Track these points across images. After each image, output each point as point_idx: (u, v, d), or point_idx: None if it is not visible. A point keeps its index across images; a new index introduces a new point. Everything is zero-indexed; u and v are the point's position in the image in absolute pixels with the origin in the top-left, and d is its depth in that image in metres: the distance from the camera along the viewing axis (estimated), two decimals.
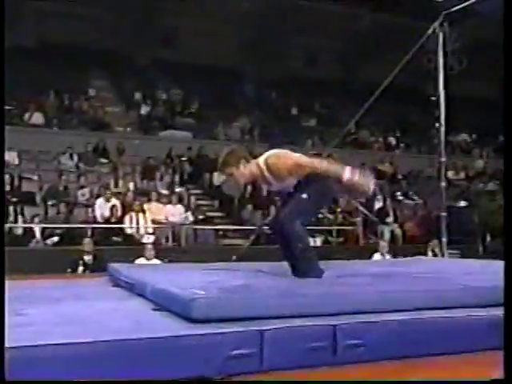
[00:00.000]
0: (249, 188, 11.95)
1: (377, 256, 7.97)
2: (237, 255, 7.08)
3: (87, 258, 7.23)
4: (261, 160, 3.51)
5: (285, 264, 4.56)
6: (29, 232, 9.26)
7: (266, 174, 3.49)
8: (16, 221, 9.34)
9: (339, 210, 11.35)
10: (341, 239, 10.90)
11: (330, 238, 10.72)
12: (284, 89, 17.87)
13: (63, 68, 15.02)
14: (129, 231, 9.68)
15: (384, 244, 8.25)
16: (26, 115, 13.17)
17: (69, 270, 7.21)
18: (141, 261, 7.50)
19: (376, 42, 17.66)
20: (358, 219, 10.88)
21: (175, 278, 3.30)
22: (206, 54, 17.68)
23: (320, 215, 11.35)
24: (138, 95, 15.78)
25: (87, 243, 7.37)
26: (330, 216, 11.12)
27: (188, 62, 17.17)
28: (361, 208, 11.30)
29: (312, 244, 10.51)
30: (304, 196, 3.48)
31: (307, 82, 18.15)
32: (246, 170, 3.51)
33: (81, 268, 7.10)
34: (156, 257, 7.58)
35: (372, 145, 15.71)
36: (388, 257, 7.93)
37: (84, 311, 2.81)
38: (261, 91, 17.86)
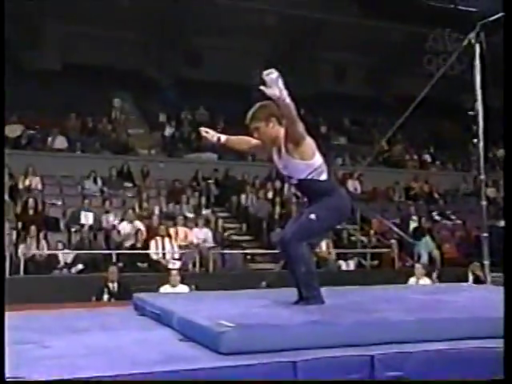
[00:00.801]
0: (277, 209, 11.96)
1: (412, 280, 7.85)
2: (267, 281, 7.06)
3: (112, 285, 7.30)
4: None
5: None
6: (52, 259, 9.40)
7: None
8: (39, 247, 9.48)
9: (372, 231, 11.25)
10: (375, 262, 10.78)
11: (363, 262, 10.62)
12: (312, 106, 17.92)
13: (86, 90, 15.35)
14: (154, 257, 9.74)
15: (420, 267, 8.11)
16: (49, 139, 13.46)
17: (93, 298, 7.28)
18: (166, 288, 7.53)
19: (407, 55, 17.65)
20: (393, 241, 10.76)
21: (202, 308, 3.30)
22: (231, 72, 17.89)
23: (352, 237, 11.29)
24: (162, 116, 16.01)
25: (112, 271, 7.45)
26: (364, 238, 11.02)
27: (213, 80, 17.38)
28: (395, 229, 11.19)
29: (345, 268, 10.59)
30: (312, 216, 3.34)
31: (336, 98, 18.18)
32: (274, 130, 3.35)
33: (106, 296, 7.17)
34: (182, 283, 7.60)
35: (406, 162, 15.59)
36: (426, 281, 7.79)
37: (111, 342, 2.83)
38: None
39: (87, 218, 9.71)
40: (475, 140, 5.93)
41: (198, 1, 17.33)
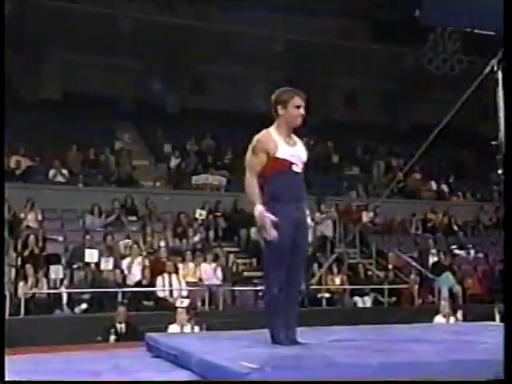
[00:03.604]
0: None
1: (438, 318, 7.82)
2: None
3: (120, 326, 7.33)
4: None
5: (331, 330, 4.56)
6: (54, 298, 9.43)
7: None
8: (37, 285, 9.48)
9: (390, 266, 11.25)
10: (393, 299, 10.75)
11: (380, 298, 10.59)
12: (323, 134, 18.09)
13: (88, 120, 15.57)
14: (161, 294, 9.77)
15: (446, 305, 8.08)
16: (51, 172, 13.61)
17: (98, 338, 7.30)
18: (174, 327, 7.55)
19: (421, 80, 17.85)
20: (412, 276, 10.74)
21: (221, 349, 3.34)
22: (238, 100, 18.15)
23: (368, 272, 11.29)
24: (167, 147, 16.17)
25: (120, 312, 7.51)
26: (380, 273, 11.03)
27: (219, 108, 17.61)
28: (413, 263, 11.19)
29: (361, 305, 10.57)
30: (263, 243, 3.58)
31: (348, 126, 18.36)
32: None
33: (113, 337, 7.19)
34: (190, 322, 7.62)
35: (422, 193, 15.64)
36: (451, 319, 7.77)
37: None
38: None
39: (92, 256, 9.77)
40: (500, 171, 5.97)
41: (202, 28, 17.71)
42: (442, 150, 15.52)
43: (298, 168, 3.62)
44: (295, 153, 3.65)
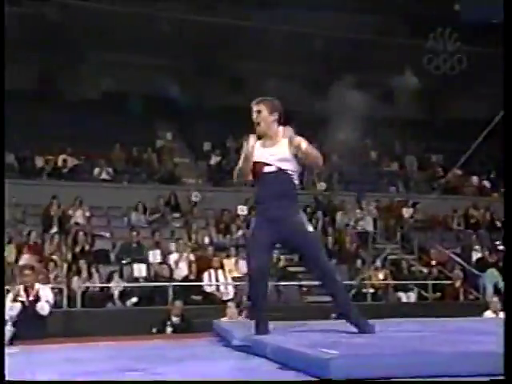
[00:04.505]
0: (330, 239, 12.12)
1: (488, 314, 7.84)
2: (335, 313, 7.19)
3: (175, 319, 7.58)
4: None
5: (390, 322, 4.69)
6: (105, 292, 9.74)
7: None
8: (90, 279, 9.82)
9: (433, 262, 11.28)
10: (437, 295, 10.78)
11: (425, 294, 10.64)
12: (361, 131, 18.12)
13: (128, 119, 15.91)
14: (208, 289, 9.99)
15: (497, 300, 8.09)
16: (96, 170, 13.96)
17: (154, 330, 7.55)
18: (226, 320, 7.74)
19: (463, 75, 17.73)
20: (456, 272, 10.76)
21: (295, 337, 3.51)
22: (275, 97, 18.26)
23: (412, 268, 11.33)
24: (206, 145, 16.41)
25: (177, 305, 7.77)
26: (424, 269, 11.07)
27: None
28: (457, 259, 11.20)
29: (405, 300, 10.63)
30: (311, 229, 3.88)
31: (385, 123, 18.34)
32: (272, 123, 3.92)
33: (169, 329, 7.43)
34: (240, 316, 7.81)
35: (464, 189, 15.57)
36: (501, 315, 7.80)
37: (214, 370, 3.05)
38: (335, 134, 18.18)
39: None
40: None
41: (240, 26, 17.91)
42: (484, 145, 15.41)
43: (273, 168, 3.80)
44: (271, 153, 3.83)
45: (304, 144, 3.74)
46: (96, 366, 3.26)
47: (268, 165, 3.82)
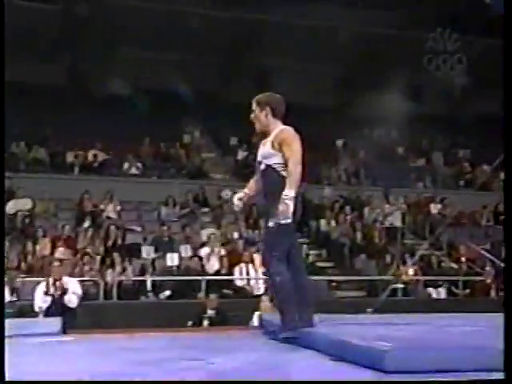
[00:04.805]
0: (359, 234, 12.17)
1: None
2: (373, 308, 7.29)
3: (211, 312, 7.71)
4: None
5: (432, 316, 4.75)
6: (138, 285, 9.90)
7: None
8: (124, 273, 9.98)
9: (462, 258, 11.27)
10: (467, 291, 10.78)
11: (455, 290, 10.64)
12: (386, 126, 18.10)
13: (156, 115, 16.06)
14: (239, 283, 10.11)
15: None
16: (125, 165, 14.14)
17: (189, 323, 7.68)
18: (257, 314, 7.86)
19: (491, 70, 17.55)
20: (487, 268, 10.74)
21: (342, 330, 3.59)
22: (299, 93, 18.28)
23: (442, 264, 11.34)
24: (233, 140, 16.51)
25: (213, 299, 7.92)
26: (454, 265, 11.06)
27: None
28: (488, 255, 11.17)
29: (435, 296, 10.64)
30: (271, 224, 3.75)
31: (412, 119, 18.26)
32: (265, 118, 3.95)
33: (206, 322, 7.56)
34: (274, 309, 7.90)
35: (492, 185, 15.46)
36: None
37: (267, 360, 3.15)
38: (361, 130, 18.18)
39: (173, 260, 10.26)
40: None
41: (265, 21, 17.96)
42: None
43: (263, 166, 3.90)
44: (261, 151, 3.96)
45: (286, 150, 3.81)
46: (153, 355, 3.38)
47: (260, 163, 3.94)
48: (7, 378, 2.39)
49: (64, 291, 6.91)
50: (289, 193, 3.61)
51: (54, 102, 15.25)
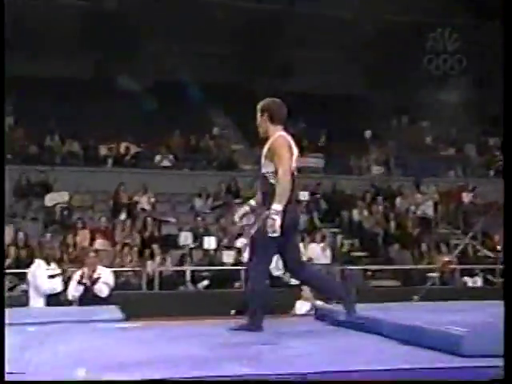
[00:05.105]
0: (392, 224, 12.20)
1: None
2: (418, 296, 7.35)
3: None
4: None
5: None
6: (176, 275, 10.06)
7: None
8: (163, 263, 10.16)
9: (498, 247, 11.25)
10: (502, 280, 10.76)
11: (492, 278, 10.64)
12: (414, 115, 18.05)
13: (185, 107, 16.18)
14: (275, 273, 10.19)
15: None
16: (157, 157, 14.29)
17: (232, 312, 7.79)
18: (300, 303, 7.96)
19: None
20: None
21: (409, 316, 3.67)
22: (326, 84, 18.30)
23: (478, 253, 11.33)
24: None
25: None
26: (490, 253, 11.05)
27: (308, 92, 17.86)
28: None
29: (471, 284, 10.66)
30: (255, 235, 3.87)
31: (439, 107, 18.17)
32: (265, 124, 4.05)
33: None
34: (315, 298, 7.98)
35: None
36: None
37: (340, 343, 3.24)
38: (389, 119, 18.15)
39: (210, 243, 10.37)
40: None
41: (291, 12, 17.98)
42: None
43: (261, 172, 4.02)
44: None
45: (276, 159, 3.83)
46: (227, 339, 3.49)
47: (260, 169, 4.04)
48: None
49: (95, 281, 6.93)
50: (276, 207, 3.58)
51: (85, 96, 15.45)
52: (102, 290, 6.87)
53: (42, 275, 6.78)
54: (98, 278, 6.93)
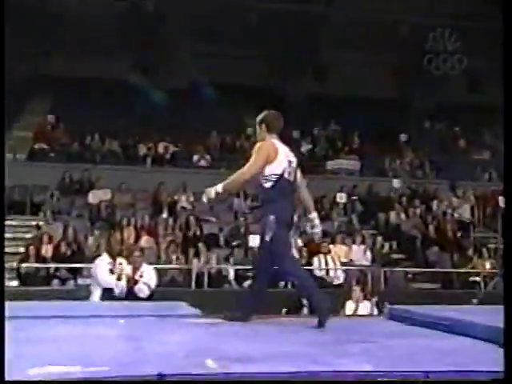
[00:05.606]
0: (431, 227, 12.21)
1: None
2: (476, 298, 7.40)
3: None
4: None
5: None
6: (220, 274, 10.18)
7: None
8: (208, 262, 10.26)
9: None
10: None
11: None
12: (448, 118, 18.01)
13: (221, 108, 16.34)
14: (318, 273, 10.29)
15: None
16: (195, 157, 14.43)
17: (284, 311, 7.90)
18: (349, 304, 8.03)
19: None
20: None
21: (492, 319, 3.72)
22: (359, 85, 18.35)
23: None
24: (295, 133, 16.64)
25: None
26: None
27: (342, 94, 17.92)
28: None
29: None
30: (267, 238, 4.06)
31: (472, 110, 18.11)
32: (262, 135, 4.35)
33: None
34: (365, 299, 8.07)
35: None
36: None
37: (437, 344, 3.30)
38: (422, 121, 18.14)
39: (254, 241, 10.41)
40: None
41: (325, 14, 18.06)
42: None
43: None
44: None
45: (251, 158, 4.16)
46: (311, 337, 3.56)
47: None
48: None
49: (137, 281, 6.81)
50: (216, 188, 4.29)
51: (123, 96, 15.67)
52: (142, 290, 6.78)
53: (103, 270, 6.87)
54: (141, 277, 6.84)
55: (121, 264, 6.95)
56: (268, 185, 4.14)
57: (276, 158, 4.13)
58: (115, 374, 2.38)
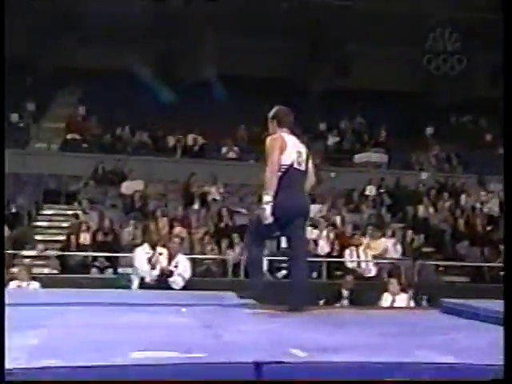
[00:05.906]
0: (460, 220, 12.22)
1: None
2: None
3: (346, 292, 8.01)
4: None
5: None
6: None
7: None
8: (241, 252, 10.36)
9: None
10: None
11: None
12: (473, 112, 17.93)
13: (247, 101, 16.38)
14: (349, 265, 10.38)
15: None
16: (223, 149, 14.53)
17: (321, 302, 7.99)
18: (386, 296, 8.11)
19: None
20: None
21: None
22: (384, 80, 18.31)
23: None
24: (322, 125, 16.68)
25: (349, 280, 8.23)
26: None
27: (367, 88, 17.89)
28: None
29: None
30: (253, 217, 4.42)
31: (496, 104, 17.99)
32: (273, 129, 4.59)
33: (345, 301, 7.88)
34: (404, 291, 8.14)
35: None
36: None
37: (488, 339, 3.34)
38: (447, 115, 18.07)
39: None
40: None
41: (348, 7, 18.01)
42: None
43: None
44: None
45: (266, 154, 4.40)
46: (377, 328, 3.62)
47: None
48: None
49: (171, 272, 6.69)
50: (265, 198, 4.22)
51: (149, 88, 15.79)
52: (176, 281, 6.65)
53: (142, 259, 6.94)
54: (175, 267, 6.70)
55: (161, 254, 7.02)
56: (278, 174, 4.32)
57: (285, 150, 4.36)
58: (211, 361, 2.45)
